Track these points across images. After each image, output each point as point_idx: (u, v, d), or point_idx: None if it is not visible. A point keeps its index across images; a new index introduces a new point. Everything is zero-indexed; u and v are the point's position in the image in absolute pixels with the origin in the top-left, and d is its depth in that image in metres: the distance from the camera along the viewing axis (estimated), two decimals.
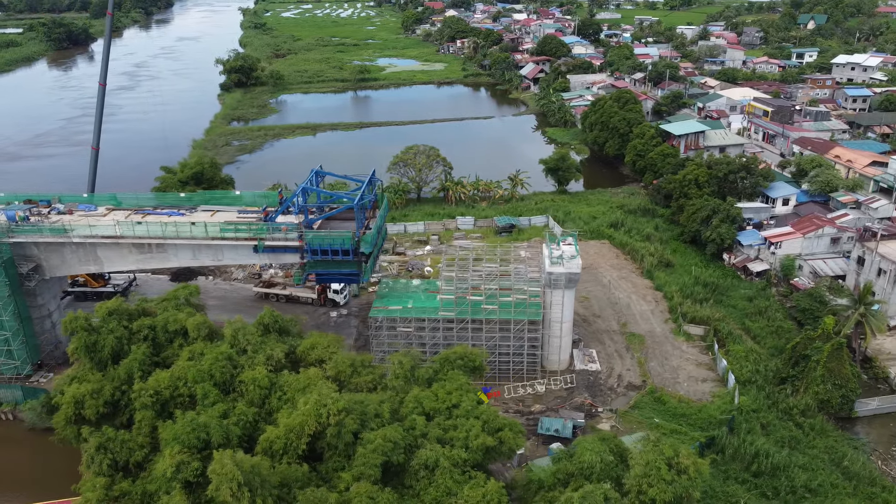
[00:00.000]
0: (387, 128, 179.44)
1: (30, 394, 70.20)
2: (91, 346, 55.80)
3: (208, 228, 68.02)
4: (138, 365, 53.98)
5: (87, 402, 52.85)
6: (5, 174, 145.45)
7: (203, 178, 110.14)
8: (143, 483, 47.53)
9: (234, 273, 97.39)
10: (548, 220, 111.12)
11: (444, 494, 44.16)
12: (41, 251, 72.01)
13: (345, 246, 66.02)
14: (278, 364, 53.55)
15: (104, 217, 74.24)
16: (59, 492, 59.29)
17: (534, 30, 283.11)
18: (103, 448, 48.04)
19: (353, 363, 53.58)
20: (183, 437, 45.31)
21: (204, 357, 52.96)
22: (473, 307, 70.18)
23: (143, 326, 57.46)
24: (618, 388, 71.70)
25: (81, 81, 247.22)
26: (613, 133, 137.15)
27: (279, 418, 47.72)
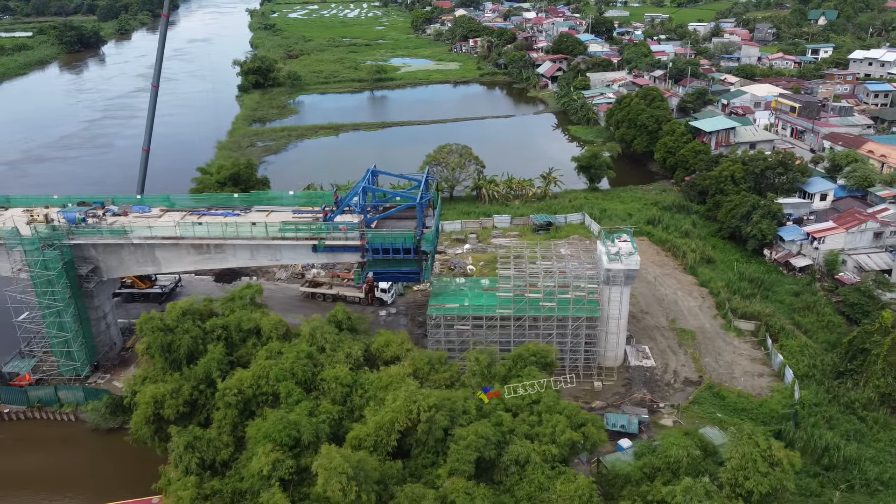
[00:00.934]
0: (408, 127, 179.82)
1: (91, 395, 70.56)
2: (167, 346, 56.07)
3: (269, 228, 68.33)
4: (216, 364, 54.27)
5: (167, 402, 53.15)
6: (34, 176, 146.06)
7: (240, 178, 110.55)
8: (232, 481, 47.83)
9: (277, 273, 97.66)
10: (584, 218, 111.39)
11: (536, 490, 44.48)
12: (99, 253, 72.39)
13: (406, 244, 66.37)
14: (357, 362, 53.88)
15: (160, 218, 74.64)
16: (127, 492, 59.88)
17: (546, 28, 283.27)
18: (191, 447, 48.38)
19: (430, 360, 53.92)
20: (275, 435, 45.68)
21: (283, 356, 53.32)
22: (531, 304, 70.50)
23: (215, 326, 57.79)
24: (675, 384, 72.03)
25: (97, 84, 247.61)
26: (642, 130, 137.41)
27: (367, 415, 48.06)
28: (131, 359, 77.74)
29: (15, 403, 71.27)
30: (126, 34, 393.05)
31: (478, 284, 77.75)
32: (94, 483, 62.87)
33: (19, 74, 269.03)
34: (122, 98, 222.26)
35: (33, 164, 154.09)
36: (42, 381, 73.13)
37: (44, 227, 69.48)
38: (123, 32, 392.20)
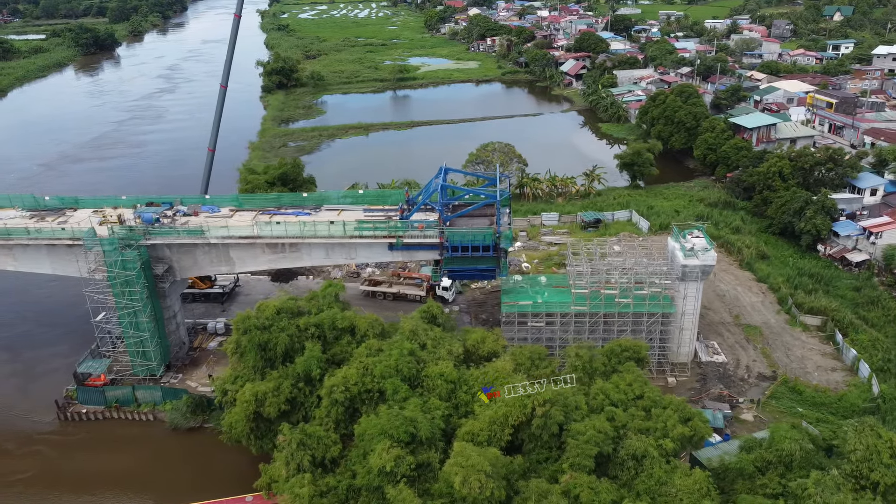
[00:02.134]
0: (438, 126, 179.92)
1: (169, 394, 70.82)
2: (263, 344, 56.24)
3: (346, 227, 68.53)
4: (316, 362, 54.46)
5: (269, 400, 53.41)
6: (72, 176, 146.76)
7: (288, 178, 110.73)
8: (345, 478, 48.04)
9: (332, 272, 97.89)
10: (631, 215, 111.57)
11: (656, 484, 44.65)
12: (173, 253, 72.63)
13: (486, 242, 66.58)
14: (458, 358, 54.07)
15: (230, 218, 74.88)
16: (212, 491, 60.11)
17: (563, 26, 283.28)
18: (303, 444, 48.54)
19: (531, 355, 54.07)
20: (392, 432, 45.89)
21: (384, 353, 53.50)
22: (607, 301, 70.68)
23: (309, 324, 57.92)
24: (749, 379, 72.22)
25: (117, 86, 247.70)
26: (679, 127, 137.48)
27: (478, 410, 48.25)
28: (200, 358, 78.11)
29: (92, 404, 71.56)
30: (138, 36, 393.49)
31: (549, 281, 77.88)
32: (178, 482, 63.01)
33: (39, 77, 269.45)
34: (146, 99, 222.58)
35: (70, 165, 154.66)
36: (115, 381, 73.31)
37: (120, 228, 69.79)
38: (136, 34, 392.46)
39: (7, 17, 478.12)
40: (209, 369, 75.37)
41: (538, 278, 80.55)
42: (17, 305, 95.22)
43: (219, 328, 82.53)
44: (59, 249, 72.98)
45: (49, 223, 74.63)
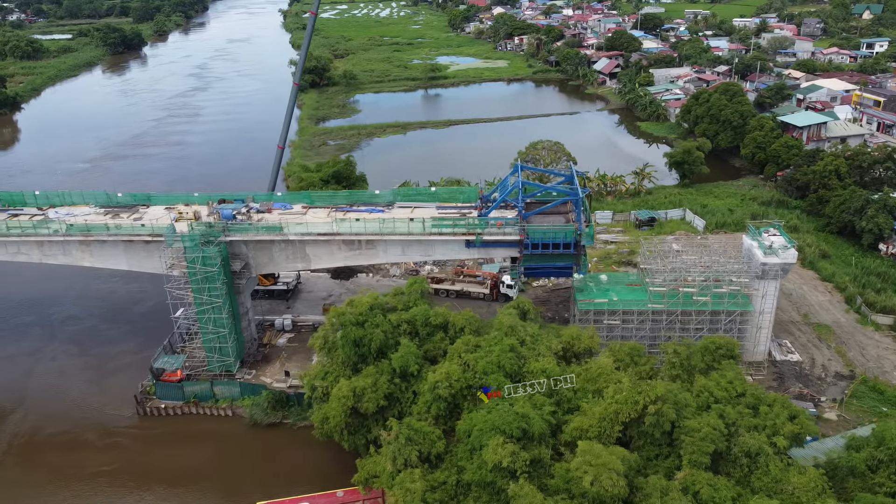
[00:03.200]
0: (475, 125, 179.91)
1: (247, 390, 71.29)
2: (358, 340, 56.45)
3: (426, 224, 68.68)
4: (414, 358, 54.63)
5: (367, 396, 53.60)
6: (117, 173, 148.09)
7: (341, 176, 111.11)
8: (453, 474, 48.15)
9: (391, 270, 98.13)
10: (684, 214, 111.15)
11: (772, 481, 44.47)
12: (249, 249, 73.06)
13: (567, 239, 66.55)
14: (556, 355, 54.09)
15: (304, 215, 75.23)
16: (296, 486, 60.47)
17: (592, 25, 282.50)
18: (411, 440, 48.69)
19: (630, 352, 54.01)
20: (504, 427, 45.97)
21: (482, 349, 53.59)
22: (685, 299, 70.44)
23: (401, 320, 58.11)
24: (826, 378, 71.76)
25: (149, 84, 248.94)
26: (725, 126, 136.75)
27: (585, 407, 48.27)
28: (271, 354, 78.50)
29: (171, 399, 72.13)
30: (163, 36, 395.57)
31: (610, 279, 77.75)
32: (260, 478, 63.35)
33: (70, 76, 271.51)
34: (180, 97, 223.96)
35: (113, 162, 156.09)
36: (190, 377, 73.77)
37: (200, 224, 70.29)
38: (161, 34, 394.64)
39: (32, 18, 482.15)
40: (282, 366, 75.76)
41: (598, 276, 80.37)
42: (82, 301, 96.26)
43: (286, 325, 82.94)
44: (136, 246, 73.64)
45: (125, 219, 75.27)
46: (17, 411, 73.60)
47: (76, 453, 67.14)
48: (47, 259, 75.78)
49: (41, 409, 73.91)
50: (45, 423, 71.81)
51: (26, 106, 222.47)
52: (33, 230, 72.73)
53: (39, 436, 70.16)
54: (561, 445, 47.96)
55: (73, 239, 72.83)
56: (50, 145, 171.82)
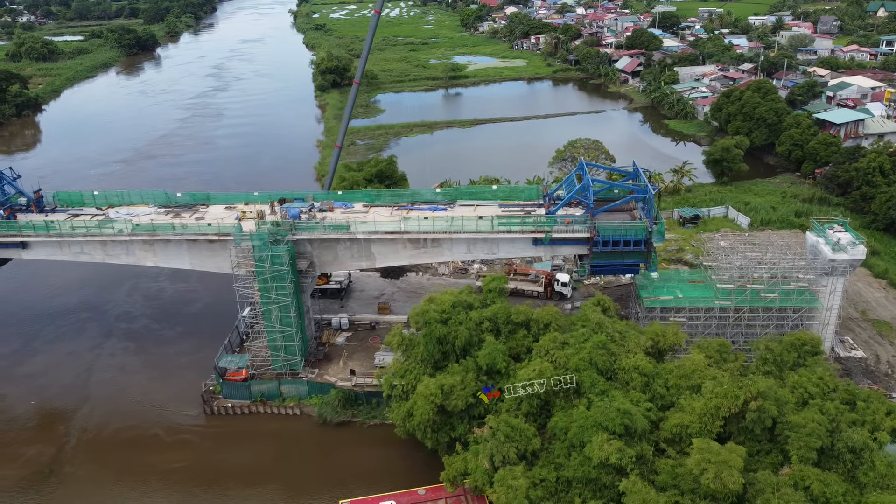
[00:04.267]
0: (501, 124, 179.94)
1: (315, 388, 71.30)
2: (442, 337, 56.45)
3: (494, 222, 68.65)
4: (501, 356, 54.64)
5: (456, 393, 53.57)
6: (150, 171, 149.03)
7: (384, 175, 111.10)
8: (551, 470, 48.14)
9: (440, 269, 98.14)
10: (727, 211, 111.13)
11: (878, 477, 44.45)
12: (314, 248, 73.05)
13: (637, 237, 66.45)
14: (645, 351, 54.08)
15: (367, 213, 75.25)
16: (370, 485, 60.43)
17: (608, 24, 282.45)
18: (509, 437, 48.68)
19: (719, 348, 54.01)
20: (607, 424, 45.97)
21: (569, 346, 53.54)
22: (752, 296, 70.40)
23: (483, 318, 58.10)
24: (894, 374, 71.74)
25: (169, 85, 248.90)
26: (759, 123, 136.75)
27: (683, 403, 48.27)
28: (331, 353, 78.44)
29: (237, 398, 72.15)
30: (175, 37, 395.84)
31: (695, 276, 77.63)
32: (333, 476, 63.35)
33: (87, 77, 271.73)
34: (201, 98, 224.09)
35: (145, 161, 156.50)
36: (253, 376, 73.74)
37: (267, 223, 70.34)
38: (173, 35, 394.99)
39: (41, 20, 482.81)
40: (345, 364, 75.75)
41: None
42: (131, 299, 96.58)
43: (343, 323, 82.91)
44: (199, 245, 73.65)
45: (188, 219, 75.32)
46: (84, 407, 73.99)
47: (145, 451, 67.31)
48: (110, 259, 75.84)
49: (106, 406, 74.27)
50: (111, 419, 72.14)
51: (47, 107, 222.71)
52: (98, 230, 72.75)
53: (106, 432, 70.48)
54: (661, 442, 47.93)
55: (137, 238, 72.86)
56: (78, 146, 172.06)
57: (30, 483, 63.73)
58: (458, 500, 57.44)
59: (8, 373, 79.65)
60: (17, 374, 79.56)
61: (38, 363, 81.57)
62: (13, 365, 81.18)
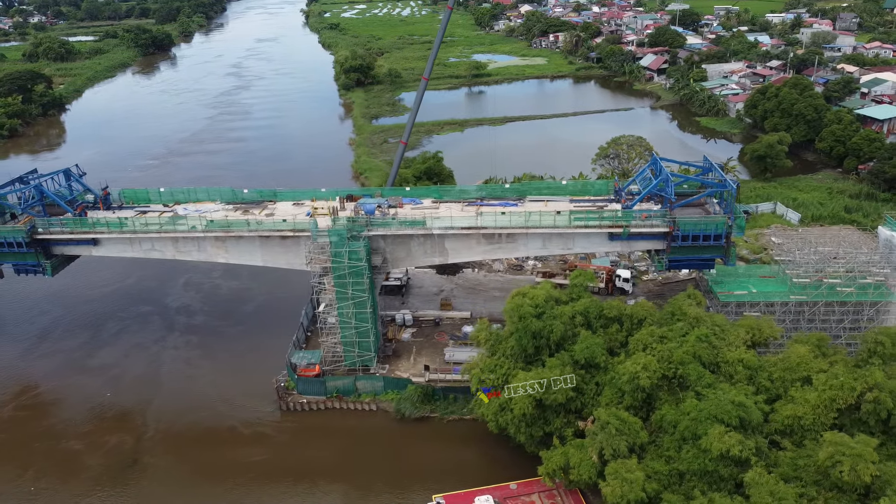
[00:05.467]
0: (531, 122, 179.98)
1: (391, 384, 71.31)
2: (537, 332, 56.45)
3: (571, 218, 68.66)
4: (600, 350, 54.66)
5: (556, 387, 53.51)
6: (186, 168, 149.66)
7: (432, 172, 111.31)
8: (661, 463, 48.16)
9: (494, 265, 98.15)
10: (775, 207, 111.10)
11: None
12: (387, 244, 73.07)
13: (717, 231, 66.54)
14: (745, 344, 54.06)
15: (437, 210, 75.25)
16: (457, 481, 60.49)
17: (627, 22, 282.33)
18: (620, 430, 48.69)
19: (818, 342, 53.98)
20: (723, 417, 46.00)
21: (668, 340, 53.52)
22: (828, 290, 70.36)
23: (575, 312, 58.12)
24: None
25: (189, 84, 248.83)
26: (798, 120, 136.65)
27: (797, 395, 48.28)
28: (399, 349, 78.48)
29: (312, 393, 72.19)
30: (188, 37, 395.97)
31: (752, 272, 77.67)
32: (416, 471, 63.43)
33: (107, 77, 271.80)
34: (226, 96, 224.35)
35: (180, 159, 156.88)
36: (326, 372, 73.77)
37: (345, 219, 70.39)
38: (186, 35, 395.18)
39: (52, 20, 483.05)
40: (415, 360, 75.80)
41: (766, 268, 79.76)
42: (189, 294, 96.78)
43: (407, 320, 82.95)
44: (272, 241, 73.70)
45: (258, 215, 75.38)
46: (156, 399, 74.84)
47: (223, 445, 67.68)
48: (180, 255, 75.89)
49: (178, 398, 74.81)
50: (185, 411, 72.65)
51: (70, 107, 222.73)
52: (172, 226, 72.81)
53: (181, 424, 71.01)
54: (773, 434, 47.95)
55: (210, 235, 72.86)
56: (109, 144, 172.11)
57: (116, 471, 64.52)
58: (551, 495, 57.61)
59: (81, 364, 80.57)
60: (90, 365, 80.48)
61: (108, 355, 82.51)
62: (84, 357, 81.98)
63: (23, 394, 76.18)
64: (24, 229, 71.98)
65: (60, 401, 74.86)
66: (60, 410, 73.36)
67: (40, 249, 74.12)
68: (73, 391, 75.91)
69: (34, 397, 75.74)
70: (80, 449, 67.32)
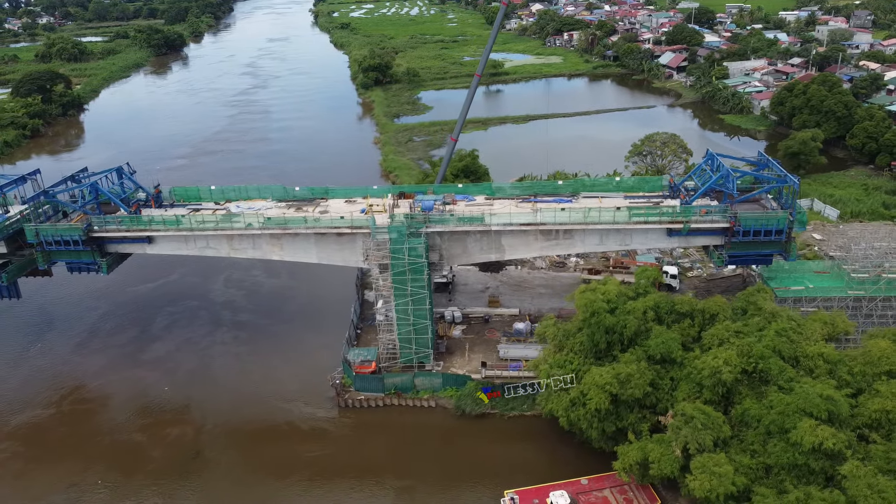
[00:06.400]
0: (553, 120, 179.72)
1: (450, 380, 71.29)
2: (610, 327, 56.48)
3: (630, 213, 68.64)
4: (676, 344, 54.68)
5: (634, 382, 53.55)
6: (212, 165, 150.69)
7: (469, 170, 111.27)
8: (745, 457, 48.17)
9: (537, 262, 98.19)
10: (812, 203, 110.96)
11: None
12: (444, 241, 73.02)
13: (779, 226, 66.48)
14: (822, 339, 54.08)
15: (492, 206, 75.23)
16: (529, 476, 60.36)
17: (641, 20, 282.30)
18: (706, 425, 48.68)
19: (895, 337, 53.96)
20: (812, 410, 46.00)
21: (745, 335, 53.53)
22: (887, 285, 70.35)
23: (647, 308, 58.12)
24: None
25: (205, 84, 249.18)
26: (828, 116, 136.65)
27: (883, 388, 48.33)
28: (452, 345, 78.43)
29: (370, 390, 72.17)
30: (198, 37, 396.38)
31: (819, 266, 77.57)
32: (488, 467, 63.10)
33: (122, 77, 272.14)
34: (244, 95, 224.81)
35: (205, 157, 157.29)
36: (381, 369, 73.77)
37: (404, 216, 70.41)
38: (196, 35, 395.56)
39: (60, 21, 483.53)
40: (469, 357, 75.79)
41: (811, 264, 79.67)
42: (232, 290, 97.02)
43: (457, 317, 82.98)
44: (327, 238, 73.68)
45: (311, 213, 75.40)
46: (212, 393, 75.27)
47: (281, 441, 67.83)
48: (235, 253, 75.86)
49: (233, 392, 75.04)
50: (241, 406, 73.01)
51: (88, 107, 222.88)
52: (229, 224, 72.82)
53: (238, 418, 71.32)
54: (860, 427, 47.98)
55: (266, 232, 72.86)
56: (132, 143, 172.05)
57: (179, 464, 64.91)
58: (623, 490, 57.59)
59: (135, 358, 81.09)
60: (144, 359, 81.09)
61: (160, 349, 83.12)
62: (136, 351, 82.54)
63: (81, 388, 76.60)
64: (80, 227, 71.94)
65: (118, 394, 75.23)
66: (119, 404, 73.75)
67: (95, 248, 74.06)
68: (130, 385, 76.37)
69: (92, 391, 76.17)
70: (143, 441, 67.82)
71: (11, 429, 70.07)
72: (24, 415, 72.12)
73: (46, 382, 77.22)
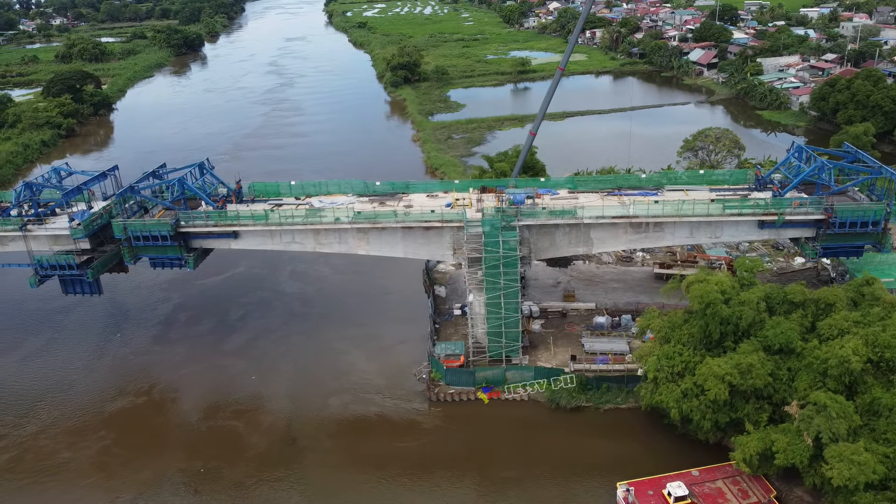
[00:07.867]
0: (590, 116, 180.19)
1: (542, 374, 71.29)
2: (725, 318, 56.49)
3: (724, 206, 68.65)
4: (796, 335, 54.69)
5: (755, 372, 53.54)
6: (254, 161, 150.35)
7: (526, 165, 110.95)
8: (882, 445, 48.19)
9: (603, 257, 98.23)
10: None
11: None
12: (532, 234, 73.09)
13: (876, 217, 66.53)
14: None
15: (577, 200, 75.31)
16: (627, 471, 60.30)
17: (664, 17, 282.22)
18: (840, 414, 48.69)
19: None
20: None
21: (864, 325, 53.57)
22: None
23: (759, 298, 58.10)
24: None
25: (231, 83, 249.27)
26: (875, 111, 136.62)
27: None
28: (534, 339, 78.43)
29: (460, 384, 72.08)
30: (214, 37, 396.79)
31: (887, 260, 77.62)
32: (586, 461, 63.07)
33: (145, 77, 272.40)
34: (273, 93, 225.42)
35: (247, 153, 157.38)
36: (469, 363, 73.75)
37: (497, 209, 70.47)
38: (212, 35, 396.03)
39: (73, 22, 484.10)
40: (554, 351, 75.85)
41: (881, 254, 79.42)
42: (299, 283, 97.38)
43: (534, 311, 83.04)
44: (414, 232, 73.72)
45: (396, 207, 75.46)
46: (298, 382, 75.27)
47: (374, 432, 67.82)
48: (321, 248, 75.98)
49: (318, 382, 75.01)
50: (328, 397, 72.82)
51: (117, 106, 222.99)
52: (317, 219, 72.87)
53: (328, 410, 71.09)
54: None
55: (354, 227, 72.95)
56: (169, 140, 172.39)
57: (278, 451, 65.10)
58: (735, 481, 57.52)
59: (217, 348, 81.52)
60: (225, 349, 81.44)
61: (239, 339, 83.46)
62: (217, 341, 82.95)
63: (167, 376, 76.80)
64: (169, 223, 72.01)
65: (205, 382, 75.51)
66: (209, 392, 74.00)
67: (182, 243, 74.17)
68: (216, 373, 76.76)
69: (179, 379, 76.36)
70: (240, 428, 67.92)
71: (107, 416, 70.51)
72: (118, 403, 72.66)
73: (132, 372, 77.62)
